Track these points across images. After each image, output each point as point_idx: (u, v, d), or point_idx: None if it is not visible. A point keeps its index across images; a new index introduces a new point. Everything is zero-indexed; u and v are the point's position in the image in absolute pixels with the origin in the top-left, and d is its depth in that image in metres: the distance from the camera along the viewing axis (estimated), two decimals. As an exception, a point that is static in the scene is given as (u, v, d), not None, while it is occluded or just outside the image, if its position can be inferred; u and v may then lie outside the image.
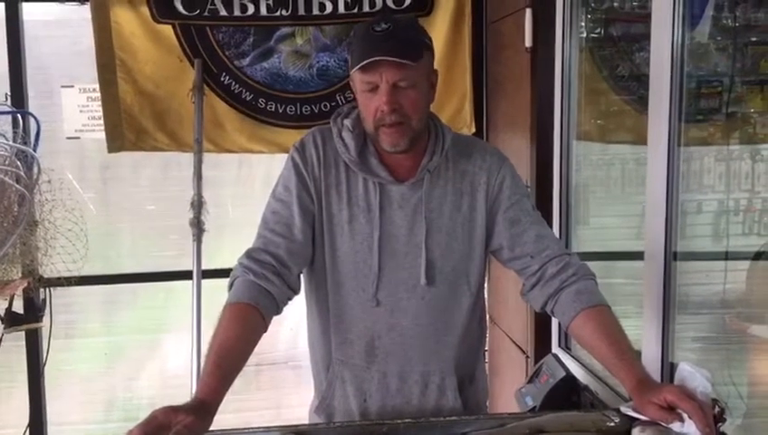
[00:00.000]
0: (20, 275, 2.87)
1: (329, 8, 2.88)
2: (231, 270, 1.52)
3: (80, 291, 3.01)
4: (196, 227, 2.74)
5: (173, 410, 1.20)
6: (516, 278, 1.65)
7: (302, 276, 1.59)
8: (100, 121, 2.87)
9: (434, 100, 1.57)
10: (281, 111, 2.95)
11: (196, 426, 1.20)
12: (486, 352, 1.79)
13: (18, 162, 2.76)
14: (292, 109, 2.96)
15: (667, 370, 1.76)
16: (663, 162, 1.73)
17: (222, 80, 2.91)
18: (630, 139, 2.24)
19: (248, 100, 2.94)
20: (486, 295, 1.77)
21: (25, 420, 3.05)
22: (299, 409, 2.51)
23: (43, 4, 2.95)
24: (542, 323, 2.49)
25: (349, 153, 1.55)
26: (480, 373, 1.71)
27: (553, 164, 2.50)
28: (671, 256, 1.76)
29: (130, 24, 2.82)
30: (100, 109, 2.85)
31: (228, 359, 1.35)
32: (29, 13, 2.91)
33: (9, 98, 2.88)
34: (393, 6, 2.89)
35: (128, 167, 3.14)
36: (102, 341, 3.31)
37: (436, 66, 1.57)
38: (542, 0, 2.46)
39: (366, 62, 1.43)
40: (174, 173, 3.16)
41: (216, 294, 1.80)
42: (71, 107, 3.03)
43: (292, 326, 3.17)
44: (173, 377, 3.21)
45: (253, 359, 1.42)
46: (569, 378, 2.07)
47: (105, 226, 3.17)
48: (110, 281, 3.17)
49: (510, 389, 2.38)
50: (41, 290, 2.97)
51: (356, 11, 2.88)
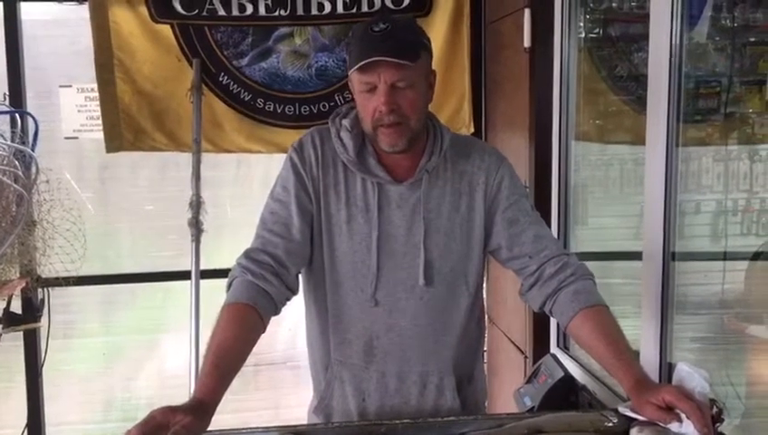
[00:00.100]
0: (18, 275, 2.86)
1: (327, 8, 2.87)
2: (229, 270, 1.52)
3: (78, 291, 3.01)
4: (195, 227, 2.74)
5: (171, 410, 1.20)
6: (515, 278, 1.66)
7: (300, 277, 1.59)
8: (99, 121, 2.86)
9: (432, 100, 1.57)
10: (279, 111, 2.95)
11: (194, 426, 1.20)
12: (485, 353, 1.78)
13: (16, 162, 2.75)
14: (291, 109, 2.95)
15: (666, 370, 1.77)
16: (661, 162, 1.73)
17: (220, 80, 2.91)
18: (629, 139, 2.24)
19: (247, 100, 2.94)
20: (485, 295, 1.77)
21: (23, 421, 3.04)
22: (297, 409, 2.52)
23: (41, 4, 2.94)
24: (540, 323, 2.49)
25: (347, 153, 1.55)
26: (479, 373, 1.71)
27: (552, 164, 2.50)
28: (669, 257, 1.76)
29: (129, 24, 2.82)
30: (99, 109, 2.84)
31: (227, 359, 1.35)
32: (27, 12, 2.91)
33: (7, 98, 2.88)
34: (392, 6, 2.89)
35: (126, 167, 3.14)
36: (101, 341, 3.30)
37: (434, 66, 1.57)
38: (540, 0, 2.46)
39: (364, 62, 1.43)
40: (172, 173, 3.16)
41: (215, 295, 1.79)
42: (69, 107, 3.03)
43: (290, 327, 3.18)
44: (171, 377, 3.21)
45: (251, 359, 1.41)
46: (567, 378, 2.07)
47: (103, 226, 3.17)
48: (108, 281, 3.17)
49: (508, 389, 2.38)
50: (39, 290, 2.96)
51: (354, 11, 2.87)
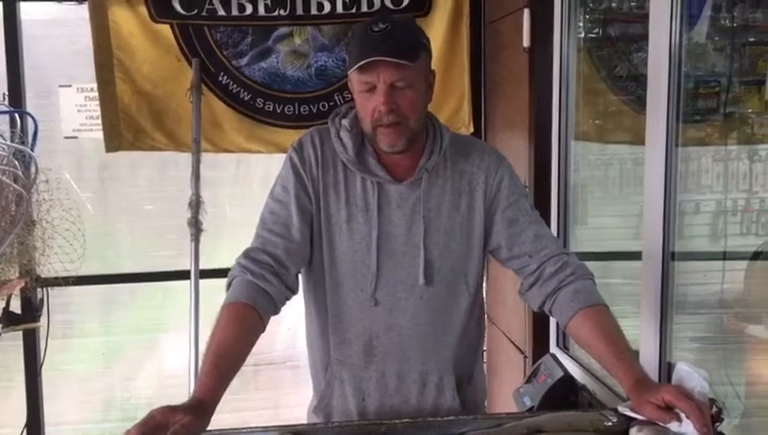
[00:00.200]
0: (17, 274, 2.86)
1: (327, 8, 2.87)
2: (229, 270, 1.52)
3: (77, 291, 3.01)
4: (194, 226, 2.74)
5: (171, 409, 1.20)
6: (514, 278, 1.66)
7: (300, 276, 1.59)
8: (98, 121, 2.86)
9: (431, 100, 1.57)
10: (279, 111, 2.95)
11: (193, 426, 1.19)
12: (484, 352, 1.78)
13: (16, 162, 2.75)
14: (291, 109, 2.95)
15: (665, 369, 1.77)
16: (661, 162, 1.73)
17: (220, 79, 2.91)
18: (628, 139, 2.24)
19: (246, 99, 2.94)
20: (485, 295, 1.77)
21: (23, 421, 3.04)
22: (297, 409, 2.52)
23: (40, 4, 2.94)
24: (540, 322, 2.49)
25: (347, 153, 1.55)
26: (478, 373, 1.71)
27: (552, 164, 2.50)
28: (669, 256, 1.76)
29: (128, 24, 2.82)
30: (98, 108, 2.84)
31: (226, 359, 1.35)
32: (27, 12, 2.90)
33: (7, 97, 2.88)
34: (391, 6, 2.89)
35: (125, 166, 3.14)
36: (100, 341, 3.30)
37: (434, 66, 1.57)
38: (540, 0, 2.46)
39: (364, 62, 1.43)
40: (172, 173, 3.16)
41: (214, 294, 1.79)
42: (68, 106, 3.03)
43: (290, 326, 3.18)
44: (171, 377, 3.21)
45: (251, 359, 1.41)
46: (567, 378, 2.07)
47: (103, 225, 3.17)
48: (107, 281, 3.17)
49: (508, 389, 2.38)
50: (38, 290, 2.96)
51: (354, 11, 2.87)
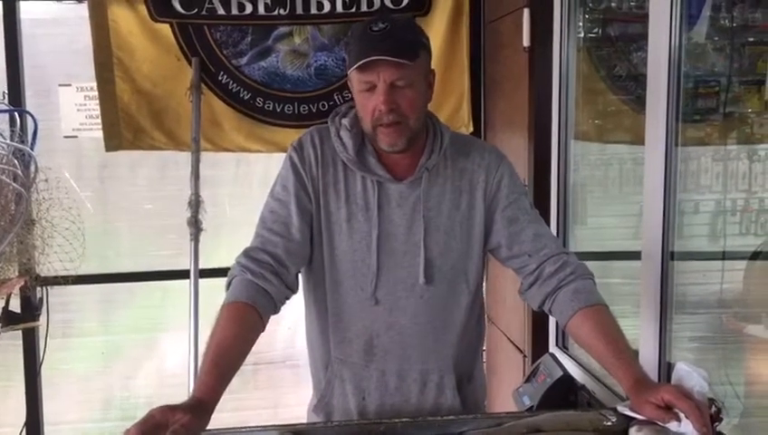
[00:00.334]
0: (17, 273, 2.86)
1: (327, 7, 2.87)
2: (228, 269, 1.52)
3: (77, 290, 3.01)
4: (194, 226, 2.74)
5: (170, 409, 1.20)
6: (514, 278, 1.66)
7: (300, 276, 1.59)
8: (98, 120, 2.86)
9: (431, 99, 1.57)
10: (279, 111, 2.95)
11: (193, 425, 1.19)
12: (484, 352, 1.78)
13: (15, 161, 2.75)
14: (290, 108, 2.95)
15: (664, 369, 1.77)
16: (660, 162, 1.73)
17: (220, 79, 2.91)
18: (628, 138, 2.24)
19: (246, 99, 2.93)
20: (484, 295, 1.77)
21: (22, 420, 3.04)
22: (296, 408, 2.52)
23: (40, 3, 2.94)
24: (539, 322, 2.49)
25: (347, 152, 1.55)
26: (478, 372, 1.71)
27: (551, 164, 2.50)
28: (668, 256, 1.76)
29: (128, 23, 2.82)
30: (98, 107, 2.84)
31: (226, 358, 1.35)
32: (26, 11, 2.90)
33: (6, 96, 2.88)
34: (391, 6, 2.89)
35: (125, 166, 3.14)
36: (99, 340, 3.30)
37: (433, 66, 1.57)
38: (540, 0, 2.46)
39: (363, 61, 1.43)
40: (171, 172, 3.15)
41: (214, 294, 1.80)
42: (68, 105, 3.03)
43: (289, 325, 3.18)
44: (170, 376, 3.20)
45: (250, 358, 1.41)
46: (566, 377, 2.07)
47: (102, 225, 3.17)
48: (107, 280, 3.17)
49: (507, 388, 2.38)
50: (38, 289, 2.97)
51: (354, 10, 2.87)
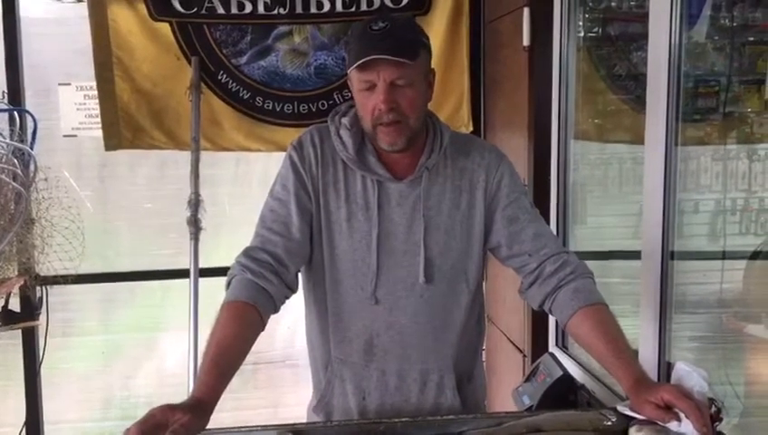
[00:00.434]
0: (16, 272, 2.86)
1: (326, 7, 2.87)
2: (228, 268, 1.52)
3: (77, 289, 3.01)
4: (194, 225, 2.74)
5: (170, 408, 1.20)
6: (514, 277, 1.66)
7: (299, 275, 1.59)
8: (98, 119, 2.86)
9: (431, 99, 1.57)
10: (278, 110, 2.95)
11: (193, 424, 1.20)
12: (483, 351, 1.78)
13: (15, 160, 2.75)
14: (290, 107, 2.95)
15: (664, 369, 1.77)
16: (660, 161, 1.73)
17: (219, 78, 2.91)
18: (628, 138, 2.24)
19: (246, 98, 2.93)
20: (484, 294, 1.77)
21: (22, 419, 3.04)
22: (296, 407, 2.52)
23: (40, 2, 2.94)
24: (539, 322, 2.49)
25: (347, 151, 1.55)
26: (478, 371, 1.71)
27: (551, 163, 2.50)
28: (668, 256, 1.76)
29: (128, 22, 2.82)
30: (98, 107, 2.84)
31: (226, 357, 1.35)
32: (26, 10, 2.90)
33: (6, 95, 2.88)
34: (391, 5, 2.89)
35: (125, 165, 3.14)
36: (99, 339, 3.30)
37: (433, 65, 1.57)
38: (539, -1, 2.46)
39: (363, 60, 1.43)
40: (171, 171, 3.15)
41: (214, 293, 1.79)
42: (68, 105, 3.03)
43: (289, 325, 3.17)
44: (170, 375, 3.20)
45: (250, 357, 1.41)
46: (566, 377, 2.07)
47: (102, 224, 3.16)
48: (107, 279, 3.17)
49: (507, 388, 2.38)
50: (37, 288, 2.96)
51: (354, 9, 2.87)
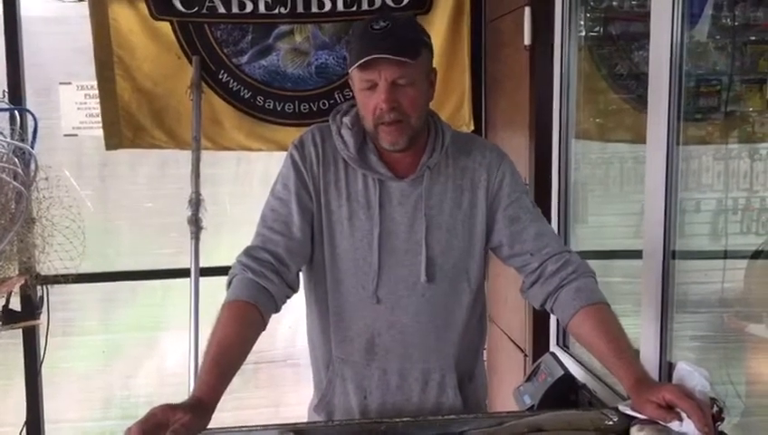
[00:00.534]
0: (17, 272, 2.86)
1: (327, 6, 2.87)
2: (229, 268, 1.52)
3: (77, 288, 3.01)
4: (194, 224, 2.74)
5: (171, 408, 1.20)
6: (515, 277, 1.65)
7: (300, 274, 1.59)
8: (98, 119, 2.86)
9: (433, 98, 1.57)
10: (279, 109, 2.95)
11: (194, 424, 1.19)
12: (485, 351, 1.78)
13: (15, 159, 2.75)
14: (291, 107, 2.95)
15: (666, 369, 1.77)
16: (662, 161, 1.73)
17: (220, 77, 2.90)
18: (629, 137, 2.24)
19: (246, 97, 2.93)
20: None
21: (22, 418, 3.04)
22: (297, 407, 2.52)
23: (41, 1, 2.94)
24: (540, 321, 2.49)
25: (348, 150, 1.54)
26: (480, 371, 1.71)
27: (552, 162, 2.49)
28: (670, 255, 1.76)
29: (128, 22, 2.82)
30: (98, 106, 2.84)
31: (227, 357, 1.35)
32: (27, 9, 2.90)
33: (6, 95, 2.87)
34: (392, 4, 2.89)
35: (125, 164, 3.14)
36: (100, 338, 3.30)
37: (434, 64, 1.56)
38: (541, -2, 2.46)
39: (365, 59, 1.42)
40: (172, 171, 3.15)
41: (215, 292, 1.79)
42: (68, 104, 3.03)
43: (290, 324, 3.17)
44: (171, 375, 3.21)
45: (251, 357, 1.41)
46: (567, 377, 2.07)
47: (103, 223, 3.16)
48: (107, 278, 3.16)
49: (508, 387, 2.38)
50: (38, 287, 2.96)
51: (355, 9, 2.87)
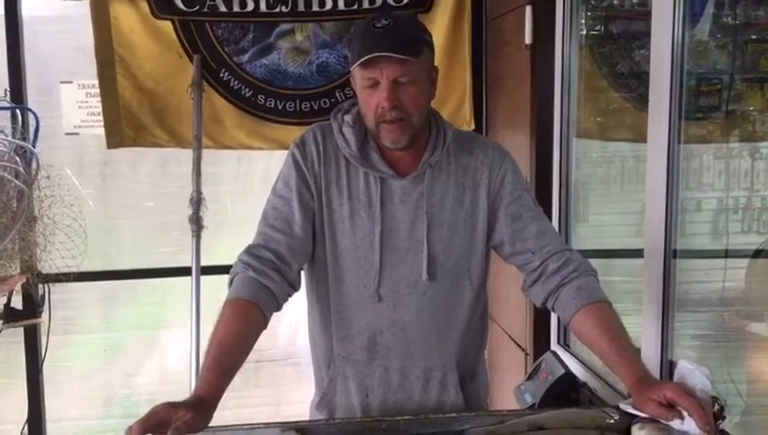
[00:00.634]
0: (18, 270, 2.86)
1: (329, 5, 2.87)
2: (230, 266, 1.52)
3: (78, 287, 3.01)
4: (195, 223, 2.74)
5: (172, 406, 1.20)
6: (516, 275, 1.65)
7: (302, 273, 1.59)
8: (100, 117, 2.86)
9: (434, 96, 1.57)
10: (280, 108, 2.95)
11: (195, 422, 1.20)
12: (485, 350, 1.78)
13: (17, 158, 2.75)
14: (292, 105, 2.95)
15: (667, 367, 1.77)
16: (663, 160, 1.73)
17: (221, 76, 2.91)
18: (630, 136, 2.24)
19: (247, 96, 2.93)
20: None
21: (24, 416, 3.04)
22: (298, 405, 2.51)
23: (42, 0, 2.93)
24: (540, 320, 2.49)
25: (349, 148, 1.54)
26: (481, 369, 1.71)
27: (553, 161, 2.49)
28: (671, 254, 1.76)
29: (129, 20, 2.82)
30: (100, 105, 2.84)
31: (228, 355, 1.35)
32: (28, 8, 2.90)
33: (8, 93, 2.88)
34: (393, 3, 2.88)
35: (127, 163, 3.14)
36: (101, 337, 3.30)
37: (435, 63, 1.57)
38: (542, -3, 2.46)
39: (366, 57, 1.43)
40: (173, 169, 3.15)
41: (216, 291, 1.80)
42: (70, 103, 3.03)
43: (291, 323, 3.17)
44: (172, 373, 3.21)
45: (252, 355, 1.41)
46: (568, 375, 2.07)
47: (104, 222, 3.17)
48: (108, 277, 3.17)
49: (509, 386, 2.39)
50: (39, 286, 2.96)
51: (356, 7, 2.87)
